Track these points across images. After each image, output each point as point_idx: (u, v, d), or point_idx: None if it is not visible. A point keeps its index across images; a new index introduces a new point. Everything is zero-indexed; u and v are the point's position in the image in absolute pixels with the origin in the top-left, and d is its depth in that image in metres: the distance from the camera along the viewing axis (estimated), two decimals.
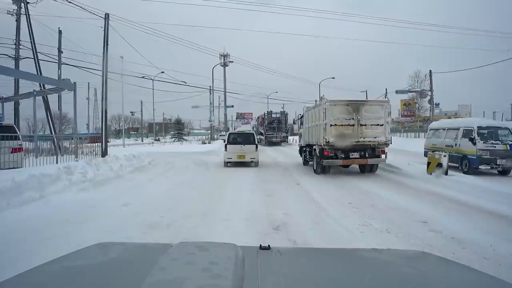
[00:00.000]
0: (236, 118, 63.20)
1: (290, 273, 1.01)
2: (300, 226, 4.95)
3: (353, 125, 10.00)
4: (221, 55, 40.52)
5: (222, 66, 40.09)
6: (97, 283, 0.97)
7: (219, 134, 46.40)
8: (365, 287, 0.97)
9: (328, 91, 72.34)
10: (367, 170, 10.96)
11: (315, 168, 11.07)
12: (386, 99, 11.26)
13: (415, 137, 34.93)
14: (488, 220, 5.32)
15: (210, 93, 36.69)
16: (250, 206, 6.24)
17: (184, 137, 46.74)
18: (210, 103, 36.91)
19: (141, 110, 55.79)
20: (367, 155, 10.27)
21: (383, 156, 10.39)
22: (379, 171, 11.25)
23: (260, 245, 1.21)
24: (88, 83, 52.50)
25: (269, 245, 1.21)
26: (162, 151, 22.27)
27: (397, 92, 28.57)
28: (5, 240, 4.38)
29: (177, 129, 50.45)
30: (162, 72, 34.78)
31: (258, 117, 39.77)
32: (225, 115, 42.74)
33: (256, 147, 13.18)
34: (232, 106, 41.50)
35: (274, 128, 31.56)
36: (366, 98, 14.32)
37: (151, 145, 33.53)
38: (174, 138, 47.62)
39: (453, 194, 7.38)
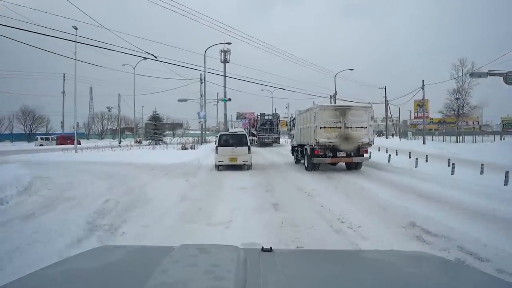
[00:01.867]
0: (237, 118, 57.88)
1: (292, 275, 0.99)
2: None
3: (340, 127, 11.00)
4: (221, 51, 36.08)
5: (222, 62, 35.93)
6: (99, 286, 0.96)
7: (216, 136, 39.10)
8: None
9: (345, 85, 68.40)
10: (352, 167, 11.68)
11: (306, 166, 11.82)
12: (369, 104, 12.49)
13: (457, 142, 28.38)
14: None
15: (201, 82, 28.88)
16: None
17: (162, 139, 34.98)
18: (202, 96, 29.28)
19: (119, 105, 43.70)
20: (352, 154, 11.17)
21: (366, 155, 11.49)
22: None
23: (262, 247, 1.19)
24: (64, 74, 42.67)
25: (271, 247, 1.18)
26: (108, 161, 15.63)
27: (471, 75, 23.79)
28: None
29: (154, 128, 35.49)
30: (145, 58, 26.96)
31: (250, 119, 41.14)
32: (225, 115, 37.87)
33: (249, 149, 12.28)
34: (230, 99, 33.92)
35: (266, 130, 32.82)
36: (385, 96, 15.52)
37: (113, 150, 23.91)
38: (149, 141, 34.58)
39: None
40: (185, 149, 21.91)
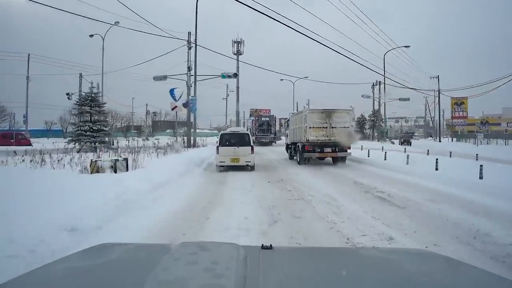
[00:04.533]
0: (250, 115, 49.77)
1: (292, 273, 0.96)
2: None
3: (326, 127, 12.46)
4: (234, 42, 31.09)
5: (234, 54, 30.36)
6: (99, 283, 0.93)
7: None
8: (368, 286, 0.92)
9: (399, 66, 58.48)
10: (338, 161, 12.86)
11: (298, 161, 13.07)
12: (351, 108, 14.78)
13: None
14: None
15: (189, 48, 19.59)
16: None
17: (107, 141, 20.29)
18: (189, 69, 19.19)
19: (80, 88, 29.23)
20: (337, 150, 12.46)
21: (348, 150, 12.71)
22: None
23: (262, 244, 1.16)
24: (29, 54, 31.85)
25: (271, 245, 1.15)
26: None
27: None
28: None
29: (88, 120, 18.21)
30: (117, 22, 21.60)
31: (253, 119, 42.15)
32: (237, 112, 31.85)
33: (252, 149, 11.09)
34: (236, 74, 24.09)
35: (263, 130, 35.35)
36: (438, 87, 20.48)
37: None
38: (73, 143, 17.91)
39: None
40: (97, 171, 7.97)
